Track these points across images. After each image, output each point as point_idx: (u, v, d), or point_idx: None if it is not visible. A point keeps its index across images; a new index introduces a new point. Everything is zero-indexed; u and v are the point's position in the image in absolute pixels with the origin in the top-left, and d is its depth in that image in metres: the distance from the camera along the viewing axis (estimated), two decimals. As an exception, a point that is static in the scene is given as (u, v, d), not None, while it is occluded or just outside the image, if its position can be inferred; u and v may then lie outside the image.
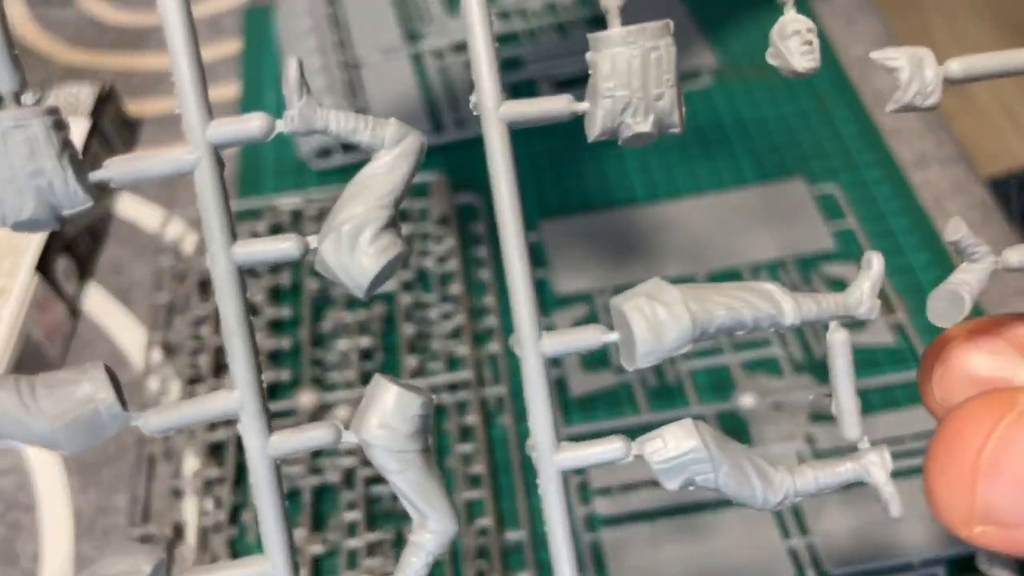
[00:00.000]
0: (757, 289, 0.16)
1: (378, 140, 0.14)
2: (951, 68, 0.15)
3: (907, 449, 0.34)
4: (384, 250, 0.14)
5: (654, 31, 0.15)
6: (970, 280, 0.16)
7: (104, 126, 0.46)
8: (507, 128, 0.15)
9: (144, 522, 0.35)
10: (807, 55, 0.15)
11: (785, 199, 0.42)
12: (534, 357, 0.16)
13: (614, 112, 0.15)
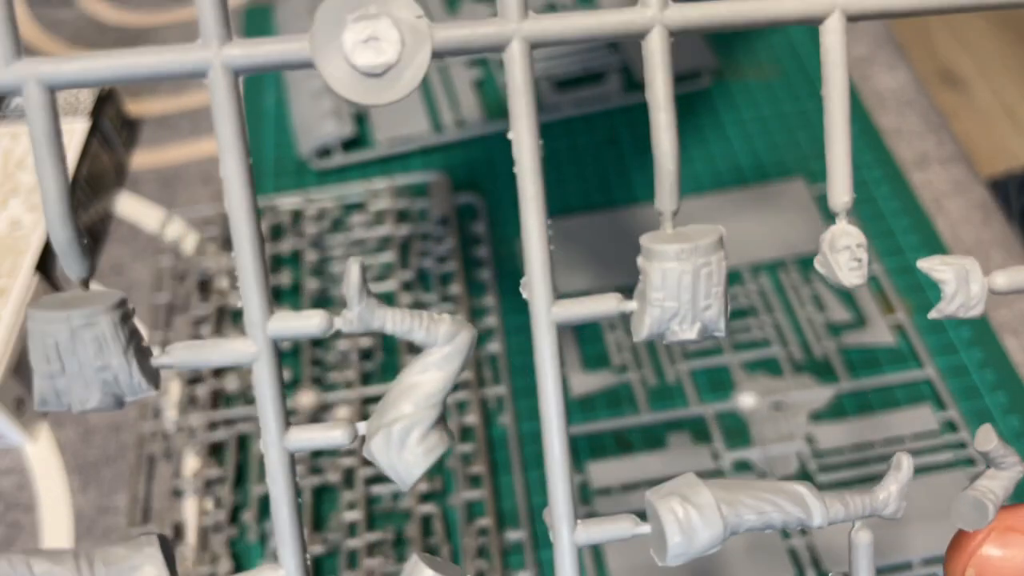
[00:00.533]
0: (788, 491, 0.16)
1: (432, 337, 0.15)
2: (996, 281, 0.16)
3: (907, 449, 0.34)
4: (431, 450, 0.15)
5: (707, 248, 0.15)
6: (995, 488, 0.17)
7: (104, 126, 0.46)
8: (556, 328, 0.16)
9: (144, 522, 0.35)
10: (855, 271, 0.16)
11: (785, 199, 0.42)
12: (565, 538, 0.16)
13: (662, 320, 0.15)
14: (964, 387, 0.36)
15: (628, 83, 0.48)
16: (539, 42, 0.14)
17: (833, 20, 0.15)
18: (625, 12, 0.14)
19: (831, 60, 0.15)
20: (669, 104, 0.15)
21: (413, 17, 0.14)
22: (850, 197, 0.16)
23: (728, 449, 0.35)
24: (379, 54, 0.14)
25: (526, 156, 0.15)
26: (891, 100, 0.46)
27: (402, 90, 0.14)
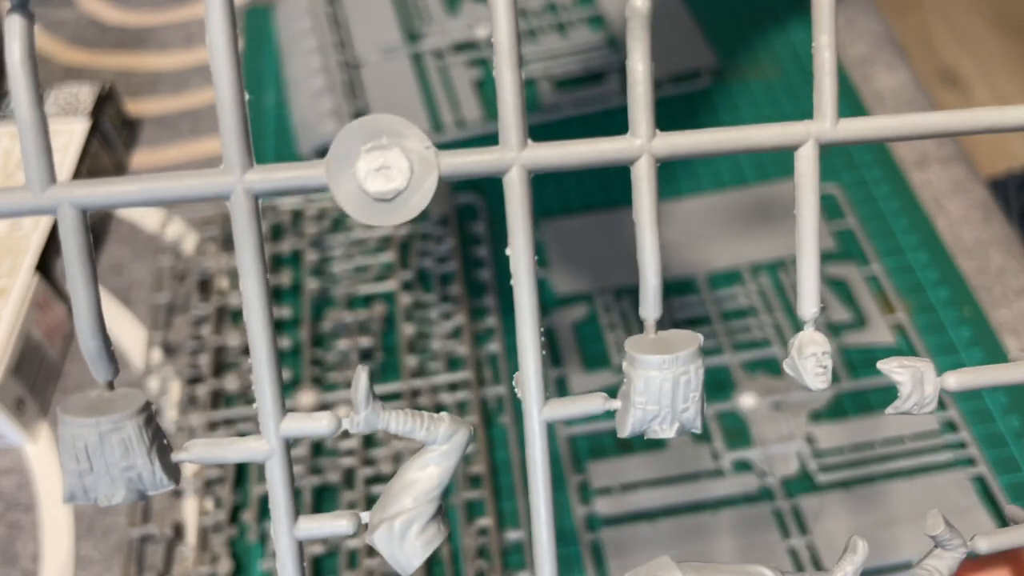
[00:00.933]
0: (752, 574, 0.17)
1: (432, 436, 0.17)
2: (948, 382, 0.17)
3: (907, 449, 0.34)
4: (430, 542, 0.17)
5: (687, 358, 0.16)
6: (941, 568, 0.18)
7: (104, 126, 0.46)
8: (546, 427, 0.17)
9: (144, 522, 0.35)
10: (820, 376, 0.17)
11: (785, 199, 0.42)
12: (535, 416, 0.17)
13: (643, 420, 0.17)
14: (964, 387, 0.36)
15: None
16: (537, 169, 0.16)
17: (807, 148, 0.17)
18: (617, 141, 0.16)
19: (803, 183, 0.17)
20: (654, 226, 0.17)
21: (422, 148, 0.15)
22: (818, 308, 0.17)
23: (728, 449, 0.35)
24: (389, 181, 0.15)
25: (523, 270, 0.17)
26: (891, 100, 0.46)
27: (410, 213, 0.15)
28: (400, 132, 0.15)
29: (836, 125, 0.17)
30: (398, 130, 0.15)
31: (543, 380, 0.17)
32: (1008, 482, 0.33)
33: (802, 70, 0.48)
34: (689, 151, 0.17)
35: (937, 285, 0.39)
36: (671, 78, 0.48)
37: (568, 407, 0.17)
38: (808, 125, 0.17)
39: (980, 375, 0.17)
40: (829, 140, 0.17)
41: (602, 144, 0.16)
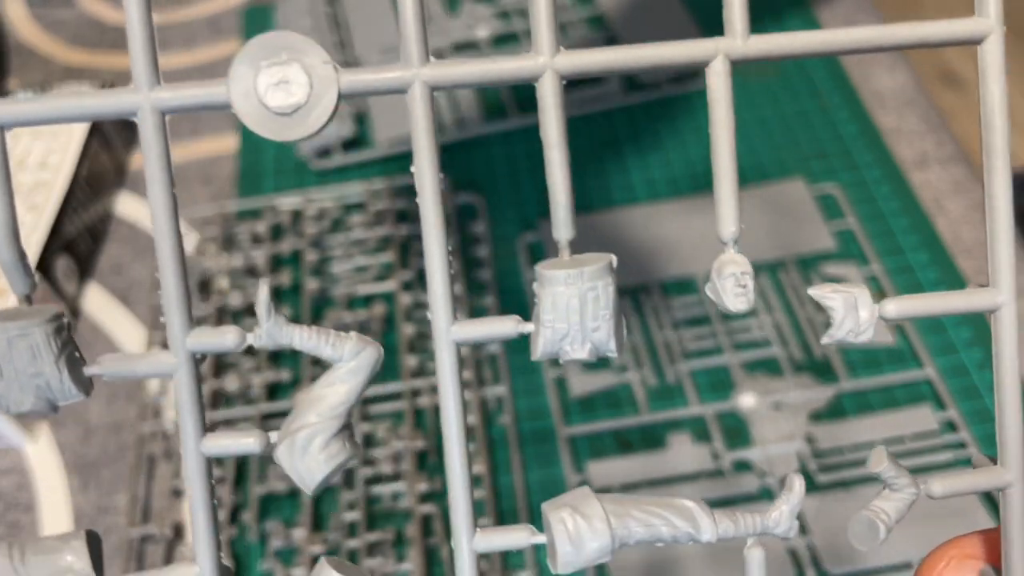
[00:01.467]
0: (678, 507, 0.17)
1: (339, 354, 0.16)
2: (887, 308, 0.17)
3: (907, 449, 0.34)
4: (332, 457, 0.16)
5: (593, 273, 0.16)
6: (888, 509, 0.17)
7: (104, 126, 0.46)
8: (457, 347, 0.17)
9: (144, 522, 0.35)
10: (740, 297, 0.17)
11: (785, 199, 0.42)
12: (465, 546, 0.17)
13: (554, 340, 0.17)
14: (964, 387, 0.36)
15: (628, 83, 0.48)
16: (438, 85, 0.16)
17: (716, 64, 0.17)
18: (519, 59, 0.16)
19: (715, 100, 0.17)
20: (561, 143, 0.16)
21: (321, 63, 0.15)
22: (737, 228, 0.17)
23: (728, 449, 0.35)
24: (289, 96, 0.15)
25: (428, 189, 0.16)
26: (891, 100, 0.46)
27: (310, 128, 0.15)
28: (300, 48, 0.15)
29: (746, 41, 0.17)
30: (298, 46, 0.15)
31: (451, 299, 0.17)
32: (1008, 482, 0.33)
33: (802, 70, 0.48)
34: (594, 67, 0.16)
35: (937, 285, 0.39)
36: (671, 78, 0.48)
37: (479, 327, 0.17)
38: (717, 41, 0.17)
39: (920, 302, 0.17)
40: (739, 55, 0.16)
41: (506, 62, 0.16)
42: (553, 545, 0.16)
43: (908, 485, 0.17)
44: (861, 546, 0.17)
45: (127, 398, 0.39)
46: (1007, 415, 0.18)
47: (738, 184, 0.18)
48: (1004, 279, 0.17)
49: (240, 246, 0.43)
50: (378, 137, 0.47)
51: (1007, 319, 0.17)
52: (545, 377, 0.38)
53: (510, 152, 0.46)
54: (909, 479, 0.17)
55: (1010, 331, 0.17)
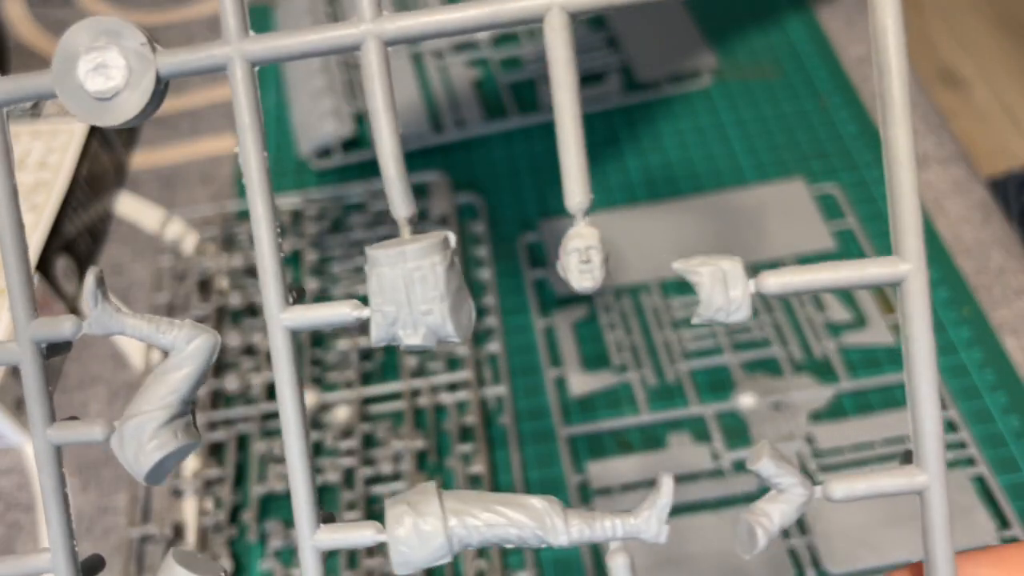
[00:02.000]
0: (526, 507, 0.16)
1: (171, 342, 0.16)
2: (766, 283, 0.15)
3: (907, 449, 0.34)
4: (162, 446, 0.16)
5: (417, 252, 0.15)
6: (772, 512, 0.15)
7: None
8: (291, 334, 0.16)
9: (144, 522, 0.35)
10: (585, 274, 0.16)
11: (785, 199, 0.42)
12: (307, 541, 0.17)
13: (385, 325, 0.15)
14: (964, 387, 0.36)
15: (628, 83, 0.48)
16: (258, 60, 0.16)
17: (553, 16, 0.15)
18: (340, 27, 0.15)
19: (555, 57, 0.15)
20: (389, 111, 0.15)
21: (138, 45, 0.15)
22: (585, 198, 0.16)
23: (728, 449, 0.35)
24: (108, 80, 0.15)
25: (254, 172, 0.16)
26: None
27: (130, 111, 0.15)
28: (118, 32, 0.15)
29: None
30: (116, 30, 0.15)
31: (283, 285, 0.16)
32: (1008, 482, 0.33)
33: (802, 70, 0.48)
34: (419, 32, 0.15)
35: (937, 285, 0.39)
36: (671, 78, 0.48)
37: (313, 313, 0.16)
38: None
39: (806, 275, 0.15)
40: (577, 7, 0.15)
41: (326, 32, 0.15)
42: (390, 546, 0.16)
43: (795, 485, 0.15)
44: (743, 553, 0.16)
45: (127, 399, 0.39)
46: (923, 409, 0.16)
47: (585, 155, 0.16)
48: (910, 245, 0.14)
49: (240, 246, 0.43)
50: (378, 137, 0.47)
51: (915, 290, 0.15)
52: (545, 377, 0.38)
53: (510, 152, 0.46)
54: (796, 479, 0.15)
55: (921, 305, 0.15)
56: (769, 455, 0.15)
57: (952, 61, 1.23)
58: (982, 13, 1.28)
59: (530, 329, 0.39)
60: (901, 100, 0.15)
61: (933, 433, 0.16)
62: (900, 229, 0.14)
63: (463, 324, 0.16)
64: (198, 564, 0.16)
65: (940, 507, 0.16)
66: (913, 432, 0.16)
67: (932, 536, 0.16)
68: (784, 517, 0.15)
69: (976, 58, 1.23)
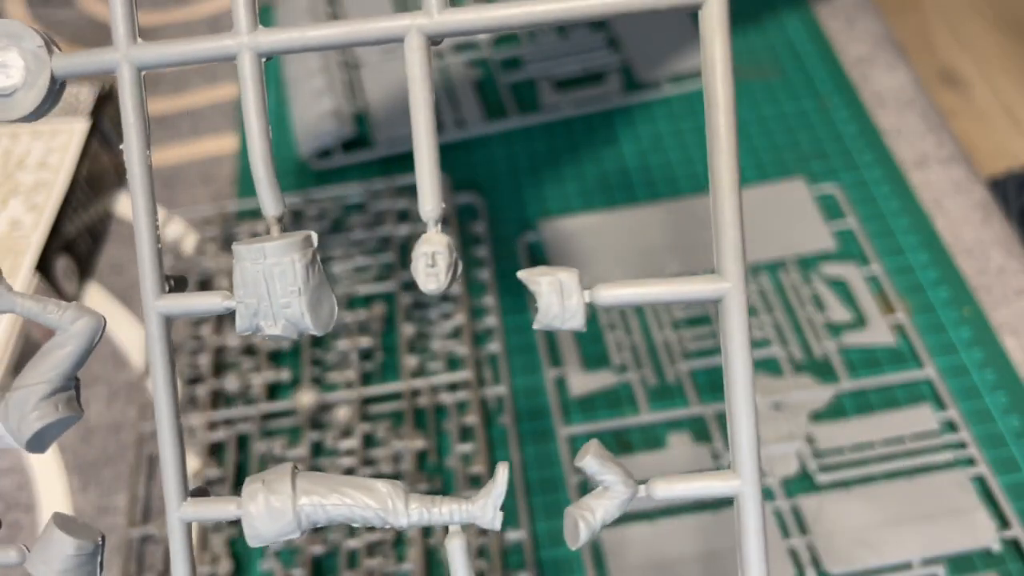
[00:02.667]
0: (373, 490, 0.17)
1: (58, 321, 0.17)
2: (599, 295, 0.16)
3: (907, 449, 0.34)
4: (43, 416, 0.17)
5: (276, 249, 0.16)
6: (596, 508, 0.16)
7: (104, 126, 0.46)
8: (165, 320, 0.17)
9: (144, 522, 0.35)
10: (430, 277, 0.17)
11: (785, 199, 0.42)
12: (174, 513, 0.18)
13: (248, 316, 0.17)
14: (964, 387, 0.36)
15: (628, 83, 0.48)
16: (145, 66, 0.17)
17: (411, 39, 0.16)
18: (218, 38, 0.17)
19: (412, 76, 0.16)
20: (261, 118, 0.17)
21: (35, 47, 0.16)
22: (436, 207, 0.17)
23: (728, 449, 0.35)
24: (7, 78, 0.16)
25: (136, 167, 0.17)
26: (891, 100, 0.46)
27: (27, 107, 0.17)
28: (18, 34, 0.16)
29: (439, 16, 0.16)
30: (15, 32, 0.16)
31: (160, 273, 0.17)
32: (1008, 482, 0.33)
33: (802, 70, 0.48)
34: (289, 46, 0.17)
35: (937, 285, 0.39)
36: (671, 78, 0.48)
37: (186, 301, 0.17)
38: (413, 16, 0.16)
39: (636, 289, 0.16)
40: (434, 30, 0.16)
41: (206, 42, 0.17)
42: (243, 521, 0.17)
43: (618, 484, 0.16)
44: (570, 545, 0.16)
45: (127, 399, 0.39)
46: (739, 418, 0.16)
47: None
48: (730, 266, 0.16)
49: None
50: (378, 137, 0.47)
51: (733, 308, 0.16)
52: (545, 377, 0.38)
53: (510, 152, 0.46)
54: (620, 477, 0.16)
55: (738, 322, 0.16)
56: (594, 453, 0.16)
57: (952, 61, 1.23)
58: (982, 13, 1.28)
59: (530, 329, 0.39)
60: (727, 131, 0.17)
61: (748, 441, 0.16)
62: (722, 251, 0.16)
63: (322, 318, 0.17)
64: (77, 528, 0.17)
65: (753, 511, 0.16)
66: (730, 440, 0.16)
67: (746, 537, 0.16)
68: (607, 513, 0.16)
69: (976, 58, 1.23)
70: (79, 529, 0.17)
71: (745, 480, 0.16)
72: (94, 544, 0.17)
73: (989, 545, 0.32)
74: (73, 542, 0.17)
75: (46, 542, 0.17)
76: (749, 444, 0.16)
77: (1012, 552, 0.32)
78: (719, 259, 0.16)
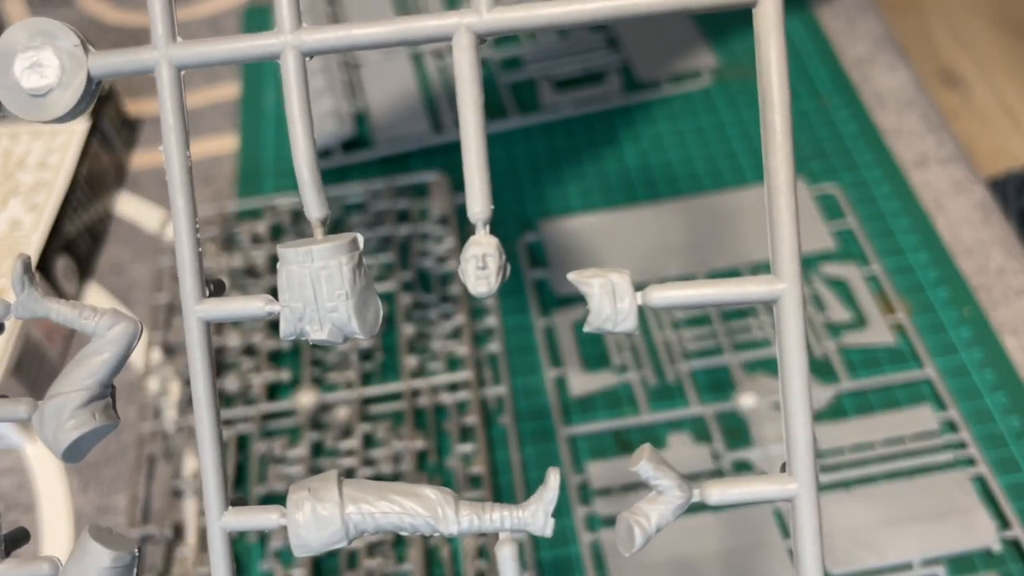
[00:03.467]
0: (421, 496, 0.17)
1: (93, 327, 0.17)
2: (651, 297, 0.16)
3: (907, 449, 0.34)
4: (80, 425, 0.17)
5: (323, 252, 0.16)
6: (650, 513, 0.16)
7: (104, 126, 0.46)
8: (206, 325, 0.17)
9: (144, 522, 0.35)
10: (480, 280, 0.16)
11: (785, 199, 0.42)
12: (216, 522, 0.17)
13: (293, 320, 0.16)
14: (964, 387, 0.36)
15: (628, 83, 0.48)
16: (185, 65, 0.16)
17: (460, 37, 0.16)
18: (260, 37, 0.16)
19: (461, 75, 0.16)
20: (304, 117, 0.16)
21: (71, 46, 0.16)
22: (485, 209, 0.17)
23: (728, 449, 0.35)
24: (42, 78, 0.16)
25: (176, 167, 0.17)
26: (891, 100, 0.46)
27: (62, 108, 0.16)
28: (53, 33, 0.16)
29: (488, 14, 0.16)
30: (51, 31, 0.16)
31: (201, 277, 0.17)
32: (1008, 482, 0.33)
33: (802, 70, 0.48)
34: (334, 45, 0.16)
35: (937, 285, 0.39)
36: (671, 78, 0.48)
37: (228, 306, 0.17)
38: (462, 14, 0.16)
39: (690, 290, 0.16)
40: (483, 29, 0.16)
41: (249, 40, 0.16)
42: (289, 530, 0.17)
43: (672, 488, 0.16)
44: (623, 551, 0.16)
45: (127, 399, 0.39)
46: (795, 419, 0.16)
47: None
48: (786, 266, 0.16)
49: (240, 246, 0.43)
50: (378, 137, 0.47)
51: (789, 308, 0.16)
52: (545, 377, 0.38)
53: (510, 152, 0.46)
54: (675, 482, 0.16)
55: (795, 322, 0.16)
56: (648, 457, 0.16)
57: (952, 61, 1.23)
58: (982, 13, 1.28)
59: (530, 329, 0.39)
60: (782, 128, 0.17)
61: (804, 444, 0.16)
62: (778, 251, 0.16)
63: (369, 322, 0.17)
64: (113, 540, 0.17)
65: (809, 514, 0.16)
66: (786, 442, 0.16)
67: (802, 540, 0.16)
68: (661, 518, 0.16)
69: (976, 58, 1.23)
70: (115, 541, 0.17)
71: (802, 483, 0.16)
72: (131, 556, 0.17)
73: (989, 545, 0.32)
74: (110, 554, 0.17)
75: (81, 554, 0.17)
76: (806, 447, 0.16)
77: (1012, 552, 0.32)
78: (776, 260, 0.16)
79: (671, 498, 0.16)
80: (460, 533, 0.17)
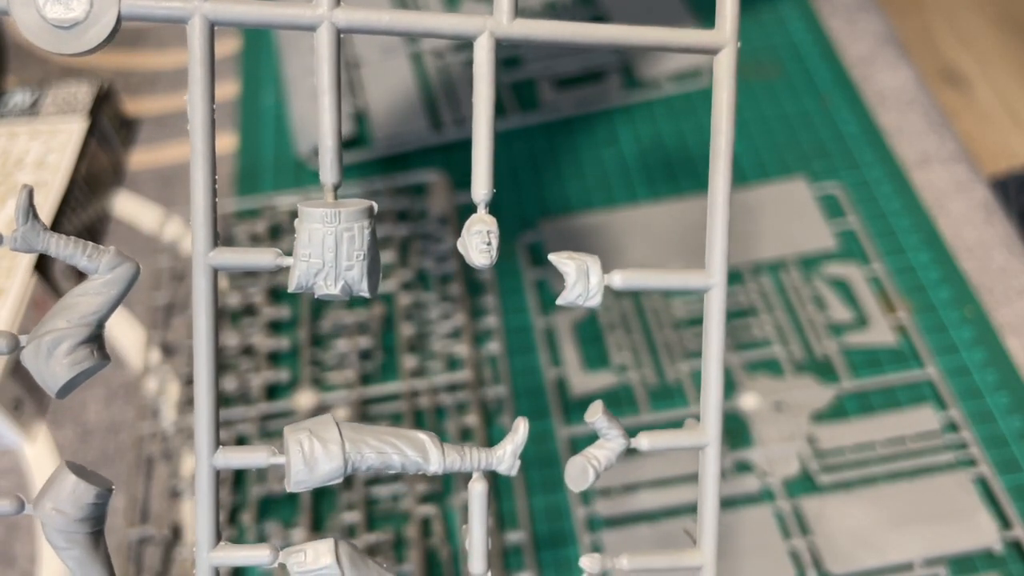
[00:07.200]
0: (412, 438, 0.18)
1: (94, 265, 0.17)
2: (613, 279, 0.19)
3: (908, 450, 0.34)
4: (78, 363, 0.17)
5: (350, 215, 0.17)
6: (600, 455, 0.19)
7: (102, 125, 0.46)
8: (214, 272, 0.18)
9: (143, 522, 0.35)
10: (483, 253, 0.18)
11: (787, 198, 0.42)
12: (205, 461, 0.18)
13: (308, 274, 0.17)
14: (966, 387, 0.36)
15: (628, 83, 0.48)
16: (219, 21, 0.17)
17: (483, 39, 0.18)
18: (296, 7, 0.17)
19: (480, 74, 0.18)
20: (334, 89, 0.18)
21: None
22: (488, 190, 0.19)
23: (729, 449, 0.35)
24: (68, 11, 0.16)
25: (199, 113, 0.18)
26: (892, 99, 0.46)
27: (87, 44, 0.16)
28: None
29: (511, 22, 0.18)
30: None
31: (213, 227, 0.18)
32: (1010, 483, 0.33)
33: (803, 70, 0.48)
34: (367, 27, 0.17)
35: (939, 285, 0.39)
36: (671, 77, 0.48)
37: (238, 256, 0.18)
38: (485, 19, 0.17)
39: (641, 276, 0.19)
40: (504, 35, 0.17)
41: (285, 8, 0.17)
42: (288, 465, 0.17)
43: (618, 436, 0.20)
44: (573, 487, 0.19)
45: (125, 399, 0.39)
46: (711, 384, 0.20)
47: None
48: (717, 267, 0.20)
49: (239, 245, 0.43)
50: (378, 137, 0.47)
51: (715, 299, 0.19)
52: (545, 377, 0.37)
53: (510, 152, 0.46)
54: (620, 431, 0.20)
55: (718, 309, 0.19)
56: (603, 411, 0.20)
57: (954, 60, 1.22)
58: (984, 12, 1.28)
59: (530, 329, 0.39)
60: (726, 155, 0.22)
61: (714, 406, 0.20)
62: (712, 254, 0.20)
63: (374, 283, 0.18)
64: (90, 476, 0.17)
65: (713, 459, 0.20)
66: (701, 404, 0.20)
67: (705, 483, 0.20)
68: (608, 460, 0.19)
69: (978, 57, 1.23)
70: (92, 476, 0.17)
71: (711, 436, 0.20)
72: (108, 491, 0.17)
73: (991, 546, 0.32)
74: (93, 490, 0.17)
75: (58, 490, 0.17)
76: (715, 408, 0.20)
77: (1014, 553, 0.32)
78: (709, 259, 0.20)
79: (616, 445, 0.20)
80: (444, 471, 0.18)
